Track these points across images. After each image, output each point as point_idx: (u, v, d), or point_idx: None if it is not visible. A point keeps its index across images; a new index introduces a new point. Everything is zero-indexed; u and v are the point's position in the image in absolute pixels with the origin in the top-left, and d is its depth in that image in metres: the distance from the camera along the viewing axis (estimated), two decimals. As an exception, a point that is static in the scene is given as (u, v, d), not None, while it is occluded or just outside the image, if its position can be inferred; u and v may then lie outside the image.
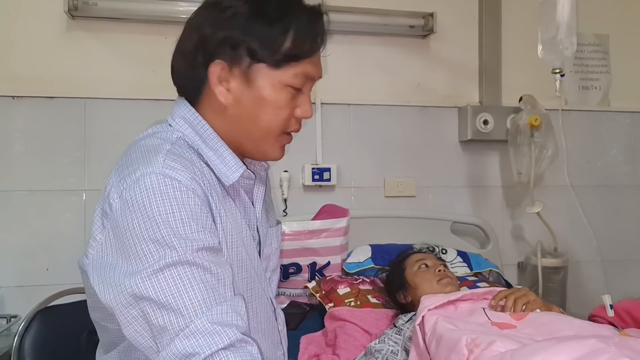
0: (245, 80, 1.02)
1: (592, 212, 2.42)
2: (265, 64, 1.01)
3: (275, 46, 1.00)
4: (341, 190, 2.20)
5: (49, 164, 1.96)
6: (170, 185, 0.92)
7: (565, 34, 1.73)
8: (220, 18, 1.02)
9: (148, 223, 0.89)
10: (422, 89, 2.30)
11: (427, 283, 1.60)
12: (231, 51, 1.01)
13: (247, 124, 1.05)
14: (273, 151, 1.09)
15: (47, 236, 1.96)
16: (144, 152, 0.99)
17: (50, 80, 1.98)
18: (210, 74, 1.02)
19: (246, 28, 1.00)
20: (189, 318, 0.86)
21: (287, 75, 1.02)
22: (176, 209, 0.91)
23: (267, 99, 1.02)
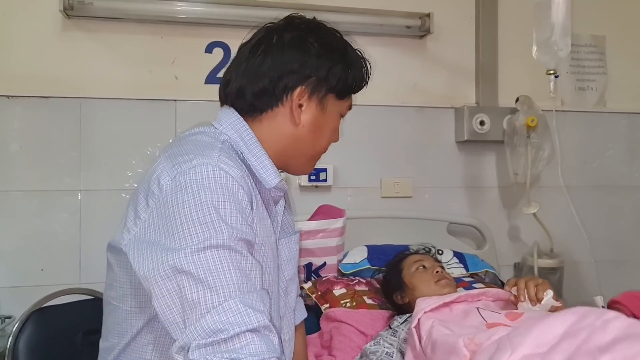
0: (320, 107, 1.17)
1: (589, 213, 2.42)
2: (334, 94, 1.18)
3: (345, 83, 1.18)
4: (337, 191, 2.20)
5: (44, 164, 1.96)
6: (224, 177, 0.98)
7: (559, 35, 1.74)
8: (308, 58, 1.16)
9: (199, 206, 0.94)
10: (419, 90, 2.30)
11: (424, 284, 1.60)
12: (315, 83, 1.15)
13: (308, 142, 1.19)
14: (309, 168, 1.27)
15: (42, 236, 1.95)
16: (199, 146, 1.06)
17: (46, 80, 1.97)
18: (294, 96, 1.15)
19: (330, 69, 1.16)
20: (223, 297, 0.89)
21: (345, 106, 1.22)
22: (227, 198, 0.97)
23: (330, 124, 1.20)
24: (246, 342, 0.87)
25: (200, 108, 2.06)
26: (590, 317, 0.98)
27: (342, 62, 1.18)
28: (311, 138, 1.18)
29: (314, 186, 2.15)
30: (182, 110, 2.06)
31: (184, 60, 2.08)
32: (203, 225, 0.93)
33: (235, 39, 2.13)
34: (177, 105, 2.06)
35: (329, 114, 1.18)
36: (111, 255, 1.09)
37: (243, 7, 2.05)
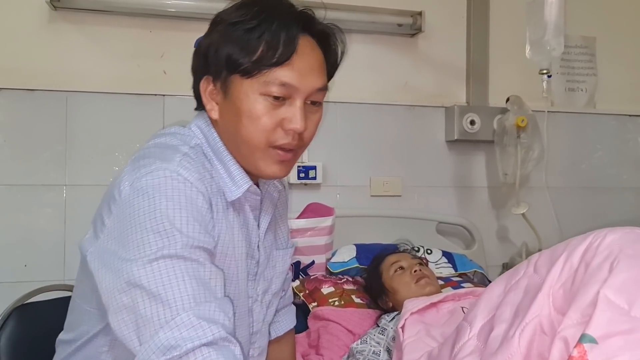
0: (224, 93, 1.03)
1: (577, 214, 2.44)
2: (239, 74, 1.00)
3: (248, 54, 0.99)
4: (327, 189, 2.18)
5: (28, 158, 1.92)
6: (182, 182, 0.94)
7: (552, 35, 1.74)
8: (212, 28, 1.06)
9: (153, 214, 0.90)
10: (410, 88, 2.29)
11: (405, 287, 1.59)
12: (214, 64, 1.02)
13: (234, 138, 1.05)
14: (266, 167, 1.05)
15: (26, 232, 1.92)
16: (163, 149, 1.01)
17: (31, 72, 1.93)
18: (201, 90, 1.07)
19: (224, 36, 1.02)
20: (176, 311, 0.86)
21: (260, 82, 1.00)
22: (184, 205, 0.92)
23: (241, 109, 1.01)
24: (202, 357, 0.83)
25: (188, 103, 1.98)
26: (521, 268, 1.00)
27: (221, 35, 1.02)
28: (233, 131, 1.04)
29: (303, 184, 2.14)
30: (171, 105, 2.04)
31: (173, 55, 2.05)
32: (156, 234, 0.89)
33: (225, 34, 2.14)
34: (166, 100, 2.03)
35: (237, 97, 1.01)
36: (83, 259, 1.04)
37: (234, 1, 2.03)
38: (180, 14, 2.02)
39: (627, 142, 2.55)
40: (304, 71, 1.02)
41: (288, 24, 1.01)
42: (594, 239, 0.88)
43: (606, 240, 0.85)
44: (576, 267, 0.85)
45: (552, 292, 0.86)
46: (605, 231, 0.87)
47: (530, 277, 0.94)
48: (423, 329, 1.31)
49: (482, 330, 0.97)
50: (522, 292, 0.93)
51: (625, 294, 0.75)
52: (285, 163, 1.06)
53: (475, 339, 0.97)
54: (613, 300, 0.75)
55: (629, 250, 0.81)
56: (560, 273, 0.87)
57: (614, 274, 0.78)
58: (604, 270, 0.80)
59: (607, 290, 0.76)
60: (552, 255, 0.93)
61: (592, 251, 0.85)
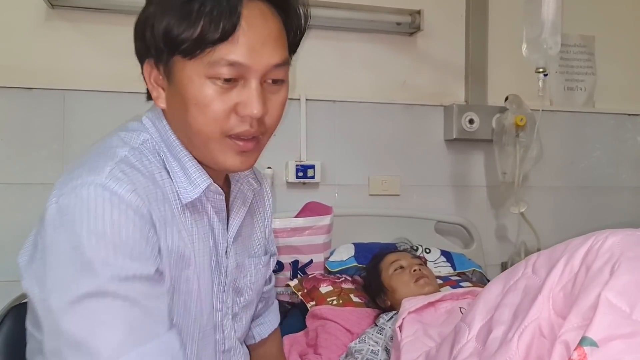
0: (168, 77, 0.90)
1: (576, 213, 2.44)
2: (180, 55, 0.86)
3: (188, 29, 0.84)
4: (325, 188, 2.18)
5: (26, 156, 1.92)
6: (108, 200, 0.80)
7: (549, 33, 1.73)
8: (148, 2, 0.92)
9: (74, 241, 0.78)
10: (408, 87, 2.29)
11: (404, 286, 1.59)
12: (154, 43, 0.88)
13: (184, 129, 0.92)
14: (225, 159, 0.91)
15: (24, 230, 1.88)
16: (97, 155, 0.89)
17: (29, 70, 1.92)
18: (145, 75, 0.94)
19: (159, 9, 0.87)
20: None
21: (204, 64, 0.85)
22: (109, 229, 0.79)
23: (187, 96, 0.87)
24: None
25: None
26: (520, 268, 0.99)
27: (160, 4, 0.88)
28: (181, 121, 0.90)
29: (301, 183, 2.13)
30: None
31: (171, 53, 2.04)
32: (79, 268, 0.78)
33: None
34: (163, 98, 2.02)
35: (180, 82, 0.87)
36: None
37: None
38: (178, 12, 2.01)
39: (626, 142, 2.55)
40: (255, 46, 0.86)
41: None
42: (594, 241, 0.87)
43: (607, 242, 0.84)
44: (577, 270, 0.84)
45: (552, 295, 0.85)
46: (606, 233, 0.87)
47: (529, 278, 0.94)
48: (421, 329, 1.30)
49: (480, 332, 0.96)
50: (520, 293, 0.93)
51: (626, 297, 0.75)
52: (247, 154, 0.93)
53: (474, 340, 0.97)
54: (614, 303, 0.74)
55: (630, 253, 0.81)
56: (561, 276, 0.86)
57: (615, 276, 0.77)
58: (605, 273, 0.79)
59: (608, 293, 0.75)
60: (551, 257, 0.93)
61: (593, 254, 0.84)
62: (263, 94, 0.89)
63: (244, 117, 0.88)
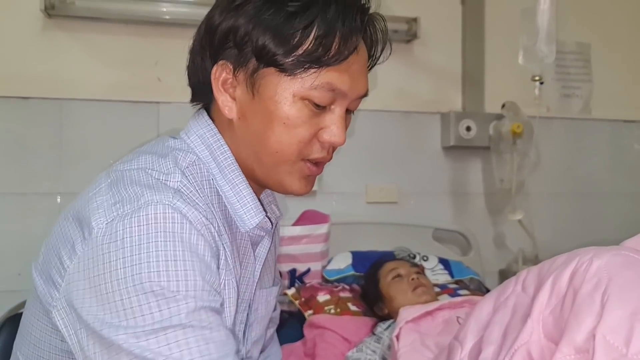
0: (250, 89, 0.83)
1: (573, 220, 2.44)
2: (275, 68, 0.81)
3: (290, 45, 0.79)
4: (322, 196, 2.17)
5: (23, 165, 1.91)
6: (179, 223, 0.73)
7: (544, 42, 1.75)
8: (230, 5, 0.83)
9: (145, 268, 0.70)
10: (405, 95, 2.29)
11: (401, 294, 1.58)
12: (236, 49, 0.82)
13: (255, 145, 0.85)
14: (291, 182, 0.87)
15: (20, 240, 1.90)
16: (151, 172, 0.80)
17: (26, 80, 1.92)
18: (213, 78, 0.85)
19: (256, 18, 0.80)
20: None
21: (305, 85, 0.81)
22: (180, 256, 0.72)
23: (275, 113, 0.82)
24: None
25: (183, 110, 1.99)
26: (510, 285, 0.98)
27: (290, 12, 0.79)
28: (257, 137, 0.84)
29: (298, 191, 2.13)
30: (165, 112, 2.03)
31: (168, 62, 2.05)
32: (154, 298, 0.70)
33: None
34: (160, 107, 2.02)
35: (270, 99, 0.82)
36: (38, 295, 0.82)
37: None
38: (175, 21, 2.02)
39: (623, 148, 2.55)
40: (355, 75, 0.85)
41: (350, 11, 0.81)
42: (579, 262, 0.85)
43: (593, 266, 0.83)
44: (564, 292, 0.84)
45: (542, 317, 0.85)
46: (590, 254, 0.85)
47: (519, 296, 0.93)
48: (418, 339, 1.30)
49: (472, 351, 0.96)
50: (510, 311, 0.92)
51: (621, 334, 0.74)
52: (311, 178, 0.90)
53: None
54: (612, 343, 0.73)
55: (618, 280, 0.79)
56: (549, 298, 0.85)
57: (607, 310, 0.76)
58: (596, 301, 0.78)
59: (604, 331, 0.74)
60: (540, 274, 0.92)
61: (580, 276, 0.83)
62: (345, 123, 0.88)
63: (324, 144, 0.87)
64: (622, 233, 1.00)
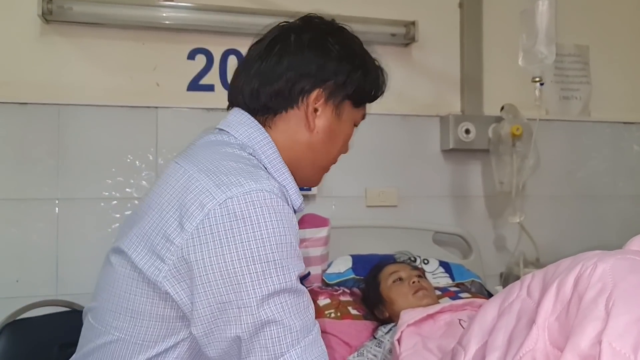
0: (336, 113, 1.12)
1: (573, 222, 2.43)
2: (350, 101, 1.13)
3: (363, 90, 1.14)
4: (322, 200, 2.17)
5: (20, 172, 1.90)
6: (281, 206, 0.92)
7: (544, 43, 1.75)
8: (328, 60, 1.10)
9: (262, 242, 0.88)
10: (404, 98, 2.29)
11: (402, 298, 1.57)
12: (333, 88, 1.10)
13: (321, 151, 1.13)
14: (318, 179, 1.22)
15: (18, 246, 1.90)
16: (242, 164, 0.98)
17: (23, 85, 1.92)
18: (310, 100, 1.09)
19: (350, 74, 1.11)
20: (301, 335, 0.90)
21: (359, 115, 1.18)
22: (288, 231, 0.91)
23: (345, 132, 1.15)
24: None
25: (182, 115, 2.03)
26: (515, 289, 0.98)
27: (362, 68, 1.14)
28: (324, 146, 1.13)
29: (298, 195, 2.12)
30: (164, 117, 2.02)
31: (166, 67, 2.05)
32: (272, 267, 0.88)
33: (218, 46, 2.13)
34: (159, 112, 2.02)
35: (344, 121, 1.14)
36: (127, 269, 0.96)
37: (226, 13, 2.02)
38: (173, 26, 2.02)
39: (622, 150, 2.55)
40: None
41: (382, 72, 1.22)
42: (583, 267, 0.84)
43: (597, 270, 0.82)
44: (569, 298, 0.83)
45: (548, 324, 0.84)
46: (594, 258, 0.84)
47: (524, 301, 0.92)
48: (420, 342, 1.29)
49: (476, 356, 0.95)
50: (515, 316, 0.92)
51: (628, 340, 0.73)
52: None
53: None
54: (618, 350, 0.72)
55: (623, 284, 0.79)
56: (554, 303, 0.84)
57: (613, 316, 0.75)
58: (600, 307, 0.77)
59: (610, 338, 0.73)
60: (544, 278, 0.91)
61: (584, 282, 0.82)
62: None
63: (342, 152, 1.21)
64: (623, 235, 0.99)
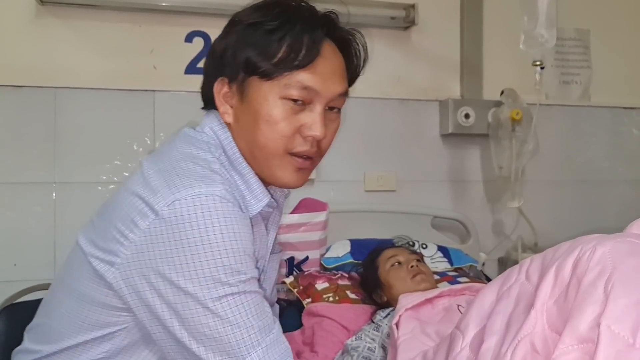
0: (241, 96, 1.01)
1: (572, 207, 2.43)
2: (257, 76, 0.99)
3: (268, 55, 0.98)
4: (320, 185, 2.16)
5: (16, 155, 1.89)
6: (231, 211, 0.90)
7: (544, 26, 1.73)
8: (223, 32, 1.05)
9: (209, 247, 0.87)
10: (403, 82, 2.27)
11: (400, 282, 1.57)
12: (229, 65, 1.01)
13: (249, 144, 1.02)
14: (283, 175, 1.03)
15: (15, 230, 1.89)
16: (198, 166, 0.96)
17: (18, 68, 1.90)
18: (215, 91, 1.04)
19: (241, 38, 1.01)
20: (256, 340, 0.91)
21: (279, 86, 0.98)
22: (238, 237, 0.90)
23: (260, 113, 0.99)
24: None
25: (179, 99, 2.02)
26: (513, 274, 0.98)
27: (243, 35, 1.01)
28: (249, 136, 1.01)
29: (296, 179, 2.11)
30: (161, 101, 2.01)
31: (163, 50, 2.02)
32: (220, 270, 0.88)
33: (216, 28, 2.08)
34: (156, 95, 2.00)
35: (254, 100, 0.99)
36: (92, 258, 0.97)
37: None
38: (170, 8, 1.99)
39: (622, 135, 2.54)
40: (326, 76, 1.01)
41: (312, 27, 1.00)
42: (582, 250, 0.83)
43: (597, 253, 0.81)
44: (568, 281, 0.82)
45: (546, 308, 0.83)
46: (593, 241, 0.83)
47: (522, 285, 0.92)
48: (418, 326, 1.29)
49: (474, 341, 0.95)
50: (513, 301, 0.91)
51: (628, 323, 0.72)
52: (302, 171, 1.05)
53: (468, 349, 0.95)
54: (617, 333, 0.71)
55: (623, 267, 0.78)
56: (553, 287, 0.84)
57: (612, 299, 0.74)
58: (598, 290, 0.76)
59: (609, 321, 0.72)
60: (543, 262, 0.91)
61: (583, 265, 0.81)
62: (325, 119, 1.03)
63: (307, 138, 1.01)
64: (622, 220, 0.98)
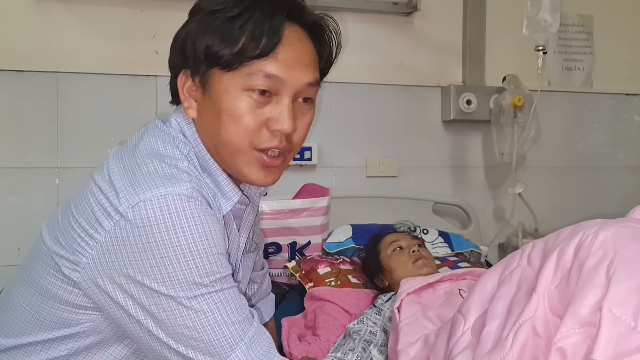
0: (203, 89, 0.95)
1: (573, 194, 2.44)
2: (219, 67, 0.92)
3: (228, 43, 0.91)
4: (322, 170, 2.17)
5: (19, 140, 1.89)
6: (198, 210, 0.87)
7: (548, 11, 1.73)
8: (189, 18, 0.99)
9: (179, 250, 0.85)
10: (405, 68, 2.27)
11: (402, 266, 1.58)
12: (191, 56, 0.95)
13: (213, 140, 0.96)
14: (250, 172, 0.96)
15: (19, 215, 1.90)
16: (165, 164, 0.92)
17: (20, 53, 1.90)
18: (179, 85, 0.99)
19: (202, 25, 0.94)
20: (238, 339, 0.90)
21: (243, 76, 0.91)
22: (208, 236, 0.87)
23: (221, 107, 0.92)
24: None
25: None
26: (515, 258, 0.98)
27: (203, 23, 0.94)
28: (212, 131, 0.95)
29: (298, 165, 2.12)
30: (163, 86, 1.97)
31: (165, 35, 1.95)
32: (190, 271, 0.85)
33: (217, 13, 2.10)
34: (158, 80, 2.00)
35: (216, 93, 0.93)
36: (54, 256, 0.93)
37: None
38: (172, -8, 1.98)
39: (624, 122, 2.53)
40: (291, 63, 0.93)
41: (272, 12, 0.92)
42: (584, 235, 0.83)
43: (599, 238, 0.81)
44: (569, 266, 0.83)
45: (548, 292, 0.83)
46: (595, 226, 0.83)
47: (524, 269, 0.92)
48: (419, 310, 1.30)
49: (475, 324, 0.95)
50: (515, 285, 0.92)
51: (629, 307, 0.72)
52: (272, 169, 0.98)
53: (470, 333, 0.96)
54: (619, 317, 0.72)
55: (625, 251, 0.78)
56: (555, 272, 0.84)
57: (614, 283, 0.74)
58: (600, 274, 0.76)
59: (611, 305, 0.72)
60: (545, 247, 0.91)
61: (585, 249, 0.81)
62: (294, 112, 0.95)
63: (274, 132, 0.94)
64: (623, 206, 0.99)
